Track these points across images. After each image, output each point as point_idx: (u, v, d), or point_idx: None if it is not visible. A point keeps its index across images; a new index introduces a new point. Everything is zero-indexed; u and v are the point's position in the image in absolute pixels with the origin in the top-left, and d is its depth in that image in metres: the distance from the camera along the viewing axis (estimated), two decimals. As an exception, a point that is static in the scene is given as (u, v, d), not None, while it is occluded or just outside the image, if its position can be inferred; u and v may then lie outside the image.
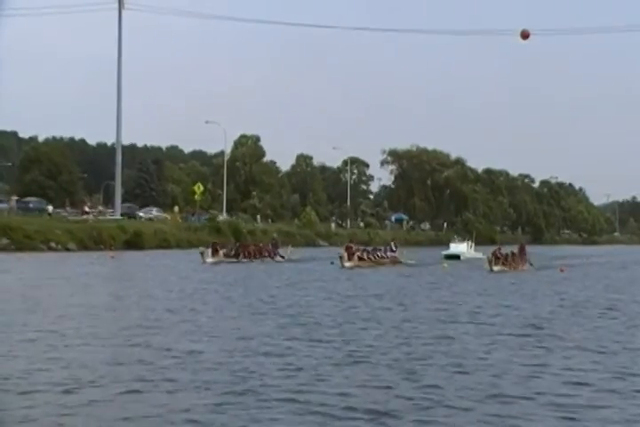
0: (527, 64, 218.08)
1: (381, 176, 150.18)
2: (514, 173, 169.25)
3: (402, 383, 11.67)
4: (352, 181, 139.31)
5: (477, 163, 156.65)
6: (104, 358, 13.41)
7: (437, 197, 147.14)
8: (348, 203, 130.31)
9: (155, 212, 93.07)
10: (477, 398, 10.75)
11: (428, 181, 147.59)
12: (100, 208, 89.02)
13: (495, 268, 42.87)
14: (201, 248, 51.76)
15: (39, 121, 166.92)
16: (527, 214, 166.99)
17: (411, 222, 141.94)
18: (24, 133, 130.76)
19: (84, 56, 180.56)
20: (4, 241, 60.38)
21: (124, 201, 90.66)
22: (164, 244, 73.46)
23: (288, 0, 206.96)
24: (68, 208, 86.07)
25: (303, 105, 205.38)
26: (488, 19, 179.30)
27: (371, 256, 48.98)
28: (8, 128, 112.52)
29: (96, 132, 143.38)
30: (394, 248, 53.01)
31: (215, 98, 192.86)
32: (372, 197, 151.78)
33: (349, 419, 9.68)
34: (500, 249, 45.89)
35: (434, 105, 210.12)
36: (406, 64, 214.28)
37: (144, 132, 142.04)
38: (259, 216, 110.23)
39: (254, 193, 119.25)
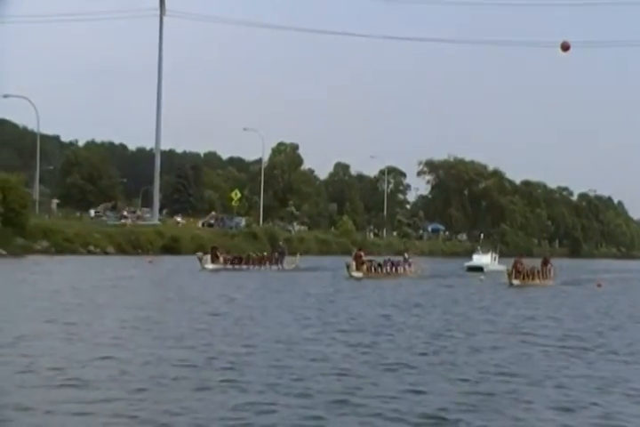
0: (567, 76, 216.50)
1: (418, 186, 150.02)
2: (552, 185, 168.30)
3: (447, 388, 11.73)
4: (389, 191, 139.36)
5: (515, 174, 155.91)
6: (155, 359, 13.59)
7: (474, 207, 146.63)
8: (385, 212, 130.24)
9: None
10: (524, 405, 10.80)
11: (465, 192, 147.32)
12: (139, 213, 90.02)
13: (515, 281, 40.35)
14: (199, 254, 48.19)
15: (80, 125, 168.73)
16: (565, 227, 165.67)
17: (447, 233, 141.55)
18: (65, 138, 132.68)
19: (124, 61, 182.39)
20: (45, 244, 61.29)
21: (161, 206, 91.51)
22: (201, 249, 73.76)
23: (329, 11, 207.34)
24: (107, 212, 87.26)
25: (341, 113, 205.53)
26: (527, 31, 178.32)
27: (383, 268, 45.62)
28: (50, 132, 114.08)
29: (136, 137, 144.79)
30: (408, 259, 49.85)
31: (254, 105, 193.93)
32: (408, 206, 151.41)
33: (397, 421, 9.79)
34: (521, 261, 42.46)
35: (472, 116, 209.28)
36: (446, 74, 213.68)
37: (183, 137, 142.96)
38: (295, 224, 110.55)
39: (291, 201, 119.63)
